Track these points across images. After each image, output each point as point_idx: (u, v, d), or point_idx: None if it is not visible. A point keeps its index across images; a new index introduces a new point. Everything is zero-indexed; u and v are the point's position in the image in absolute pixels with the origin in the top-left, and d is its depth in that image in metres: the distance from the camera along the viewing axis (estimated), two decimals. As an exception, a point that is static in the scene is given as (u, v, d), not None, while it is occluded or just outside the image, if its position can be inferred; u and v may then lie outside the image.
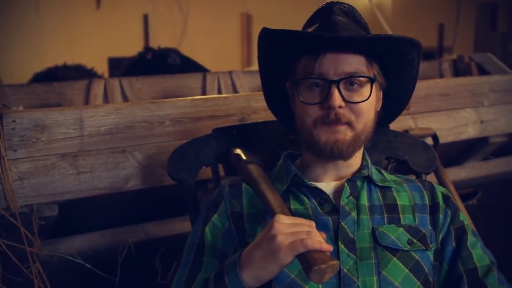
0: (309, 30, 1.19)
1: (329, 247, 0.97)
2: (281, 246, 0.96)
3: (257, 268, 0.99)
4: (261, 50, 1.24)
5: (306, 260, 0.95)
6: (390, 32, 4.10)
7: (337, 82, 1.13)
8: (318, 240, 0.97)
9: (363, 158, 1.25)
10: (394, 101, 1.27)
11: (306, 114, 1.16)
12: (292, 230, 0.98)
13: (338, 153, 1.15)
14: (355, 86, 1.14)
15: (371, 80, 1.16)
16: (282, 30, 1.16)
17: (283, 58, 1.21)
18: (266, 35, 1.19)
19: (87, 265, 1.60)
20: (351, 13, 1.21)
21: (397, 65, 1.20)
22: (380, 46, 1.15)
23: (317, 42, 1.13)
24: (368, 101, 1.15)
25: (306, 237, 0.96)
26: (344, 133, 1.14)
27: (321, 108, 1.14)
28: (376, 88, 1.18)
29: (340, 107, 1.12)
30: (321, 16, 1.20)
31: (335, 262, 0.95)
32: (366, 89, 1.15)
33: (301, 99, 1.16)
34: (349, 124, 1.14)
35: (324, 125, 1.14)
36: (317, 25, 1.18)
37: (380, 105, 1.22)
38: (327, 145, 1.14)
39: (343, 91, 1.13)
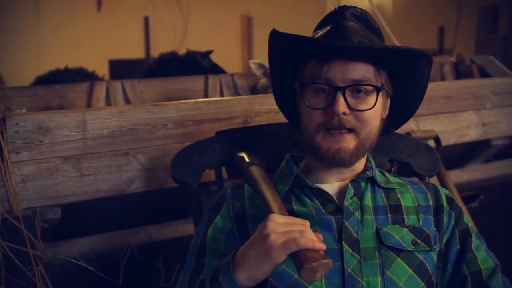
0: (320, 33, 1.18)
1: (322, 246, 0.97)
2: (274, 245, 0.96)
3: (250, 268, 0.99)
4: (271, 51, 1.24)
5: (299, 258, 0.95)
6: (391, 35, 4.10)
7: (343, 89, 1.12)
8: (311, 239, 0.96)
9: (367, 161, 1.25)
10: (403, 109, 1.26)
11: (310, 119, 1.16)
12: (285, 229, 0.98)
13: (340, 161, 1.15)
14: (361, 94, 1.14)
15: (377, 89, 1.15)
16: (291, 34, 1.15)
17: (292, 60, 1.21)
18: (276, 37, 1.19)
19: (90, 268, 1.59)
20: (363, 17, 1.20)
21: (406, 75, 1.19)
22: (388, 56, 1.14)
23: (325, 48, 1.13)
24: (373, 109, 1.14)
25: (299, 236, 0.96)
26: (348, 142, 1.14)
27: (325, 113, 1.14)
28: (383, 96, 1.17)
29: (344, 113, 1.12)
30: (333, 19, 1.18)
31: (327, 260, 0.94)
32: (372, 98, 1.14)
33: (306, 103, 1.16)
34: (354, 130, 1.14)
35: (327, 133, 1.14)
36: (328, 28, 1.17)
37: (387, 113, 1.22)
38: (329, 152, 1.14)
39: (348, 98, 1.13)
